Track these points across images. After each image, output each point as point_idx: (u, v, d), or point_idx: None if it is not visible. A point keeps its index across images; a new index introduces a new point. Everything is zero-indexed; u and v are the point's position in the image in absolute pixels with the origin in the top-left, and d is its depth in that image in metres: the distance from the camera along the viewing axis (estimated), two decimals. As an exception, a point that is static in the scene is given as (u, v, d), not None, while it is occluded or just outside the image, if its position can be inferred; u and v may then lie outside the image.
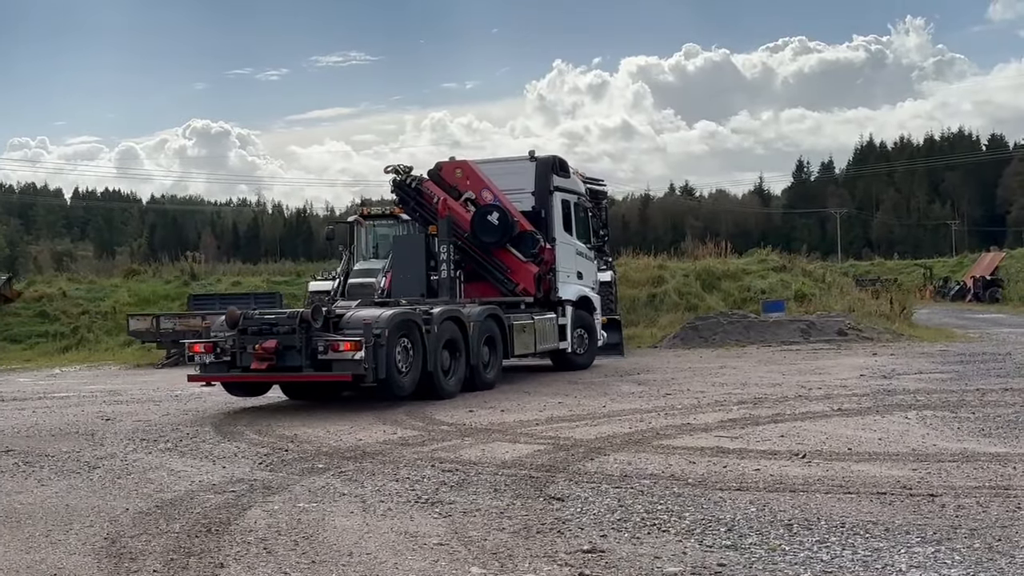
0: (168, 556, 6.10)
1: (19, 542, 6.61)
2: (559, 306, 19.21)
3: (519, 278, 18.28)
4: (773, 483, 7.95)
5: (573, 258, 20.06)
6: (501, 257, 18.39)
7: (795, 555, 5.85)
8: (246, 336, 13.77)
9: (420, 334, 14.29)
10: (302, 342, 13.41)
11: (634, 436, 10.71)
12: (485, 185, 18.51)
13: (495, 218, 18.06)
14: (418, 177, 18.37)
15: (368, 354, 13.12)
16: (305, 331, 13.44)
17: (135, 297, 36.37)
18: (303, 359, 13.43)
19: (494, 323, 16.61)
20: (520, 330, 17.37)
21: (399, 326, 13.86)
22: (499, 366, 16.81)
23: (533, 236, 18.31)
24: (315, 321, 13.44)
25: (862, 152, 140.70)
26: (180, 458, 10.09)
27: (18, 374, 24.07)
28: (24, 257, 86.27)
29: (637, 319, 30.95)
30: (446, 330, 15.00)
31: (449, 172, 18.81)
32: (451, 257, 17.73)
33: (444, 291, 17.61)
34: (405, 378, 14.02)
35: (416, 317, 14.38)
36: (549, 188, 19.19)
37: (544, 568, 5.69)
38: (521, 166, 19.45)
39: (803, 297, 33.60)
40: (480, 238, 18.12)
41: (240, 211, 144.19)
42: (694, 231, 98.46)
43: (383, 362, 13.37)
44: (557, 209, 19.35)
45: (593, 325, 20.72)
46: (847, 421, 11.54)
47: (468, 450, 10.12)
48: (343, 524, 6.89)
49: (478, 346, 15.82)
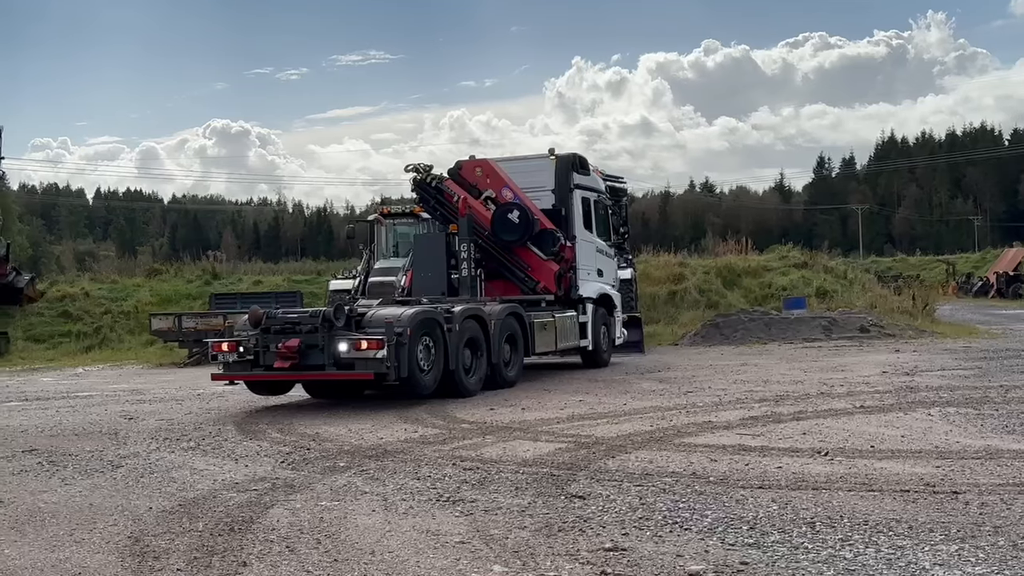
0: (191, 555, 6.12)
1: (43, 540, 6.65)
2: (579, 304, 19.15)
3: (540, 276, 18.27)
4: (795, 481, 7.93)
5: (593, 256, 19.99)
6: (522, 255, 18.36)
7: (818, 553, 5.82)
8: (269, 335, 13.82)
9: (441, 332, 14.29)
10: (324, 341, 13.45)
11: (655, 434, 10.69)
12: (505, 183, 18.54)
13: (515, 216, 18.05)
14: (439, 176, 18.42)
15: (390, 353, 13.14)
16: (327, 330, 13.47)
17: (157, 297, 36.55)
18: (326, 358, 13.47)
19: (515, 321, 16.58)
20: (541, 328, 17.34)
21: (421, 324, 13.87)
22: (520, 364, 16.79)
23: (553, 234, 18.27)
24: (337, 320, 13.48)
25: (883, 148, 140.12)
26: (203, 457, 10.13)
27: (41, 374, 24.21)
28: (47, 257, 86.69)
29: (658, 316, 30.89)
30: (467, 328, 14.99)
31: (469, 171, 18.84)
32: (472, 255, 17.73)
33: (465, 290, 17.60)
34: (427, 376, 14.04)
35: (437, 315, 14.37)
36: (569, 186, 19.15)
37: (566, 566, 5.69)
38: (541, 164, 19.40)
39: (825, 294, 33.46)
40: (501, 236, 18.14)
41: (261, 210, 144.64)
42: (714, 228, 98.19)
43: (405, 360, 13.38)
44: (577, 207, 19.31)
45: (613, 323, 20.71)
46: (870, 418, 11.49)
47: (489, 448, 10.12)
48: (365, 522, 6.91)
49: (499, 344, 15.80)
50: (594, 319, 19.62)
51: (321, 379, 14.34)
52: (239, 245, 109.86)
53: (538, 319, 17.35)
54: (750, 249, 40.31)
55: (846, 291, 34.05)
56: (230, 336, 14.46)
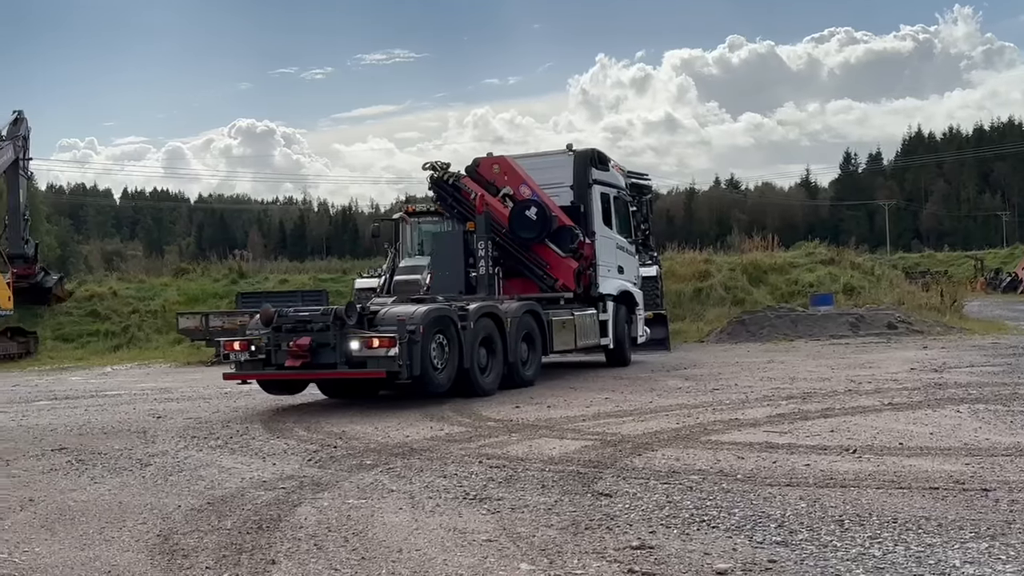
0: (220, 553, 6.15)
1: (73, 539, 6.70)
2: (599, 301, 18.94)
3: (558, 274, 18.08)
4: (823, 478, 7.88)
5: (614, 252, 19.80)
6: (540, 253, 18.18)
7: (847, 551, 5.79)
8: (280, 334, 13.73)
9: (456, 330, 14.18)
10: (336, 339, 13.35)
11: (682, 432, 10.66)
12: (523, 180, 18.35)
13: (533, 213, 17.88)
14: (456, 173, 18.35)
15: (402, 351, 13.02)
16: (339, 328, 13.37)
17: (184, 296, 36.76)
18: (337, 356, 13.37)
19: (532, 319, 16.42)
20: (560, 326, 17.17)
21: (434, 322, 13.76)
22: (538, 363, 16.63)
23: (572, 231, 18.10)
24: (349, 318, 13.39)
25: (910, 143, 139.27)
26: (230, 455, 10.18)
27: (70, 373, 24.40)
28: (75, 257, 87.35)
29: (683, 314, 30.83)
30: (483, 327, 14.87)
31: (487, 168, 18.70)
32: (489, 253, 17.60)
33: (483, 288, 17.45)
34: (441, 375, 13.92)
35: (451, 313, 14.26)
36: (588, 182, 18.96)
37: (593, 564, 5.68)
38: (559, 160, 19.21)
39: (852, 290, 33.30)
40: (518, 234, 17.97)
41: (286, 209, 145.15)
42: (740, 224, 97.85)
43: (418, 359, 13.26)
44: (596, 203, 19.10)
45: (635, 320, 20.49)
46: (898, 415, 11.42)
47: (515, 446, 10.12)
48: (392, 520, 6.92)
49: (516, 343, 15.67)
50: (615, 317, 19.42)
51: (333, 378, 14.29)
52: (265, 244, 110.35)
53: (556, 317, 17.18)
54: (776, 246, 40.13)
55: (873, 287, 33.87)
56: (242, 335, 14.43)
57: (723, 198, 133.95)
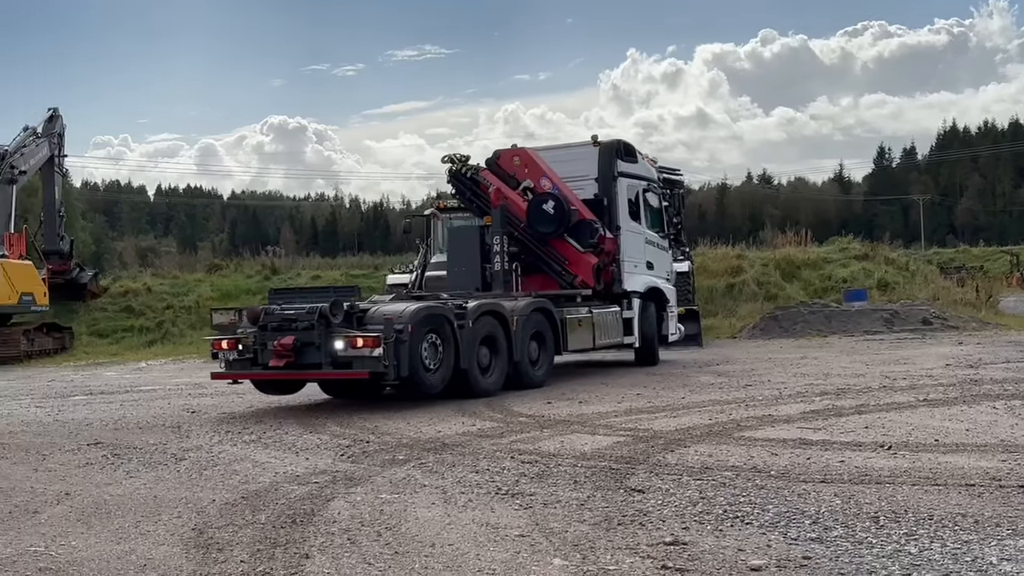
0: (255, 547, 6.18)
1: (109, 532, 6.75)
2: (623, 298, 18.31)
3: (577, 270, 17.49)
4: (858, 475, 7.83)
5: (642, 248, 19.11)
6: (559, 248, 17.63)
7: (882, 548, 5.75)
8: (267, 332, 13.33)
9: (452, 329, 13.71)
10: (321, 338, 12.92)
11: (715, 428, 10.62)
12: (544, 173, 17.79)
13: (551, 207, 17.31)
14: (475, 166, 17.98)
15: (389, 351, 12.58)
16: (324, 327, 12.94)
17: (218, 292, 36.96)
18: (322, 356, 12.94)
19: (543, 317, 15.87)
20: (575, 325, 16.57)
21: (425, 321, 13.34)
22: (549, 363, 16.07)
23: (591, 225, 17.53)
24: (334, 316, 12.96)
25: (945, 137, 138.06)
26: (264, 450, 10.23)
27: (105, 368, 24.61)
28: (109, 253, 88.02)
29: (715, 310, 30.73)
30: (483, 325, 14.38)
31: (507, 160, 18.15)
32: (504, 248, 17.16)
33: (498, 284, 17.03)
34: (433, 376, 13.47)
35: (446, 312, 13.82)
36: (613, 174, 18.32)
37: (626, 560, 5.67)
38: (584, 152, 18.61)
39: (886, 286, 33.11)
40: (536, 228, 17.43)
41: (318, 206, 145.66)
42: (773, 220, 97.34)
43: (405, 359, 12.80)
44: (622, 196, 18.48)
45: (667, 318, 19.79)
46: (933, 412, 11.33)
47: (547, 442, 10.12)
48: (425, 515, 6.93)
49: (523, 342, 15.13)
50: (642, 315, 18.74)
51: (317, 378, 14.02)
52: (297, 240, 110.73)
53: (571, 315, 16.58)
54: (809, 241, 39.92)
55: (908, 283, 33.67)
56: (232, 333, 14.03)
57: (755, 193, 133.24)
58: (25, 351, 27.85)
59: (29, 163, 31.90)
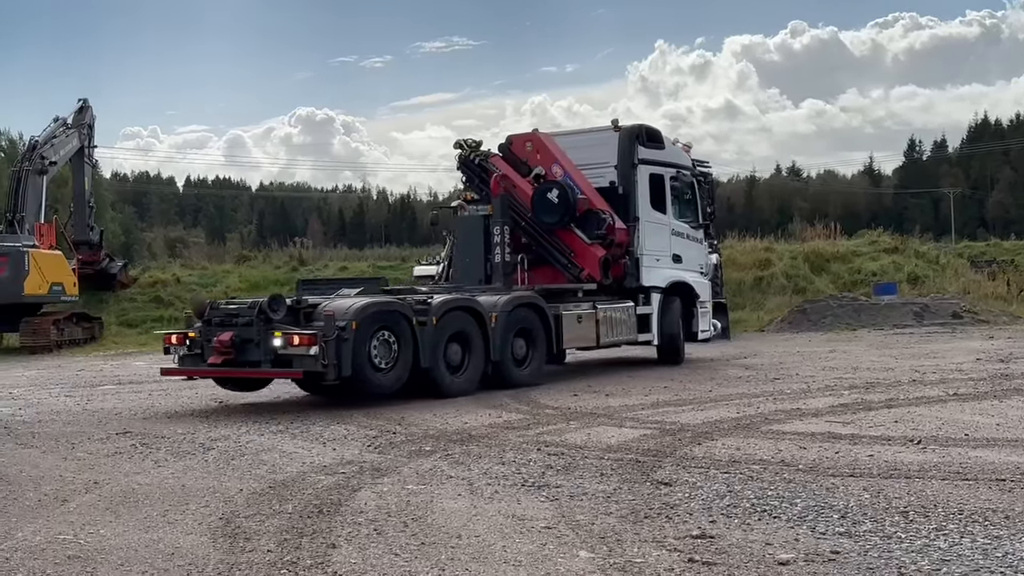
0: (282, 536, 6.20)
1: (137, 521, 6.79)
2: (640, 293, 17.20)
3: (584, 262, 16.45)
4: (887, 469, 7.78)
5: (667, 239, 17.89)
6: (565, 239, 16.61)
7: (911, 543, 5.70)
8: (210, 328, 12.88)
9: (410, 326, 12.96)
10: (260, 335, 12.38)
11: (742, 421, 10.58)
12: (555, 159, 16.87)
13: (555, 196, 16.32)
14: (484, 152, 17.18)
15: (328, 349, 11.97)
16: (264, 323, 12.41)
17: (246, 282, 37.15)
18: (262, 353, 12.38)
19: (531, 314, 14.92)
20: (574, 321, 15.58)
21: (375, 318, 12.65)
22: (541, 362, 15.10)
23: (599, 215, 16.47)
24: (274, 312, 12.43)
25: (976, 130, 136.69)
26: (291, 440, 10.27)
27: (134, 358, 24.74)
28: (139, 244, 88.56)
29: (743, 303, 30.65)
30: (452, 322, 13.60)
31: (520, 146, 17.29)
32: (505, 240, 16.38)
33: (498, 277, 16.31)
34: (385, 376, 12.77)
35: (402, 308, 13.10)
36: (632, 161, 17.22)
37: (653, 553, 5.65)
38: (604, 137, 17.53)
39: (916, 279, 32.94)
40: (541, 218, 16.52)
41: (345, 197, 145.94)
42: (802, 213, 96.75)
43: (348, 357, 12.16)
44: (643, 184, 17.36)
45: (697, 315, 18.46)
46: (963, 406, 11.25)
47: (573, 434, 10.10)
48: (451, 506, 6.93)
49: (504, 340, 14.25)
50: (662, 311, 17.51)
51: (255, 377, 13.39)
52: (325, 232, 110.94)
53: (569, 311, 15.57)
54: (839, 234, 39.77)
55: (938, 276, 33.46)
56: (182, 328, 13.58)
57: (784, 186, 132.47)
58: (55, 341, 28.03)
59: (59, 154, 32.10)
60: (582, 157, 17.21)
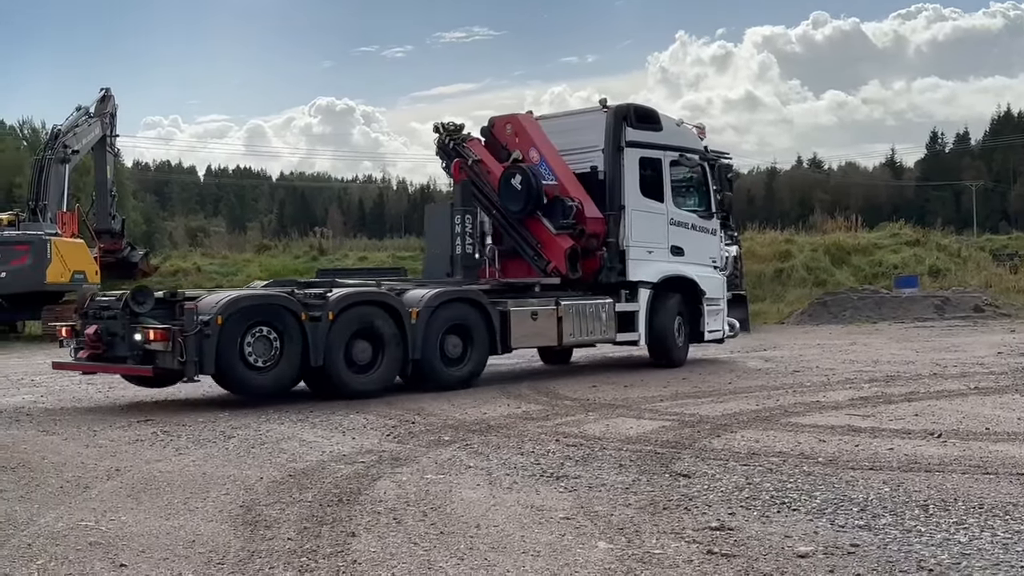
0: (301, 524, 6.23)
1: (159, 508, 6.83)
2: (623, 289, 15.64)
3: (550, 254, 15.24)
4: (907, 463, 7.75)
5: (661, 229, 16.15)
6: (533, 229, 15.46)
7: (931, 536, 5.68)
8: (87, 320, 12.43)
9: (297, 322, 12.12)
10: (124, 329, 11.89)
11: (762, 413, 10.56)
12: (533, 143, 15.70)
13: (517, 182, 15.20)
14: (462, 136, 16.18)
15: (189, 345, 11.30)
16: (128, 317, 11.86)
17: (266, 272, 37.25)
18: (127, 348, 11.87)
19: (470, 309, 13.79)
20: (526, 318, 14.27)
21: (247, 312, 11.87)
22: (479, 361, 13.97)
23: (565, 203, 15.12)
24: (138, 305, 11.83)
25: (999, 122, 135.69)
26: (311, 429, 10.30)
27: (156, 346, 24.86)
28: (160, 233, 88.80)
29: (763, 295, 30.60)
30: (357, 318, 12.66)
31: (500, 129, 16.19)
32: (467, 230, 15.33)
33: (459, 270, 15.30)
34: (262, 376, 11.97)
35: (286, 302, 12.23)
36: (619, 144, 15.60)
37: (672, 545, 5.65)
38: (593, 119, 16.06)
39: (937, 272, 32.81)
40: (507, 206, 15.45)
41: (365, 188, 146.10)
42: (822, 205, 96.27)
43: (211, 354, 11.46)
44: (631, 169, 15.70)
45: (703, 313, 16.61)
46: (984, 400, 11.20)
47: (592, 425, 10.11)
48: (470, 496, 6.95)
49: (427, 338, 13.16)
50: (652, 308, 15.80)
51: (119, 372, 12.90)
52: (344, 222, 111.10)
53: (520, 308, 14.30)
54: (860, 226, 39.60)
55: (960, 270, 33.32)
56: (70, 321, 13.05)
57: (805, 178, 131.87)
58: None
59: (81, 143, 32.24)
60: (570, 141, 16.06)
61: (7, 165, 65.90)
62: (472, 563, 5.40)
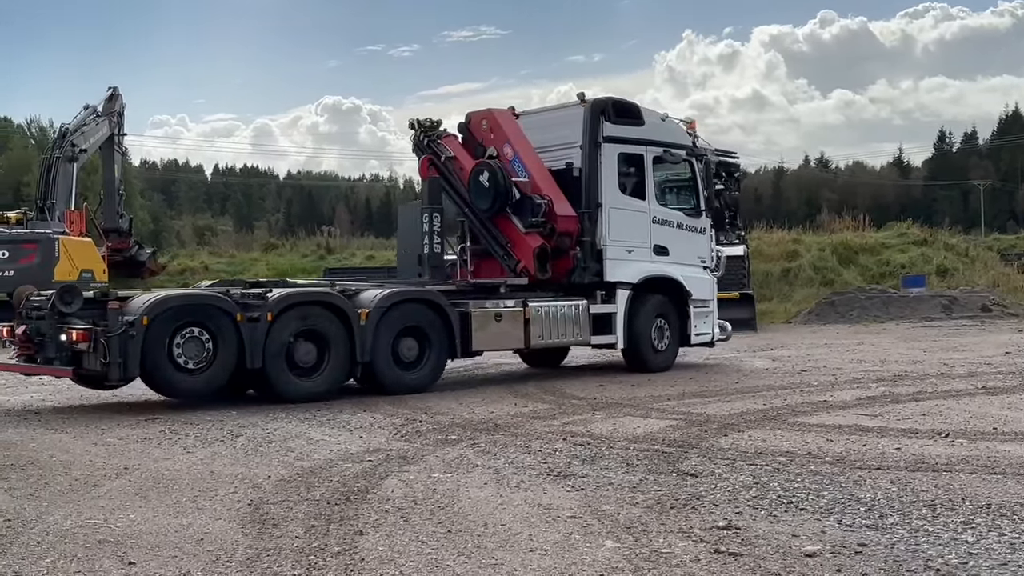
0: (309, 523, 6.24)
1: (167, 507, 6.85)
2: (599, 289, 15.03)
3: (520, 253, 14.80)
4: (915, 462, 7.75)
5: (644, 228, 15.46)
6: (502, 228, 15.05)
7: (939, 536, 5.68)
8: (24, 320, 12.18)
9: (232, 323, 11.76)
10: (51, 329, 11.63)
11: (769, 413, 10.56)
12: (507, 139, 15.21)
13: (485, 179, 14.79)
14: (437, 132, 15.78)
15: (112, 346, 11.02)
16: (55, 317, 11.60)
17: (274, 271, 37.27)
18: (55, 349, 11.60)
19: (426, 310, 13.32)
20: (489, 320, 13.76)
21: (176, 313, 11.55)
22: (436, 365, 13.48)
23: (533, 200, 14.61)
24: (65, 305, 11.58)
25: (1007, 122, 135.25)
26: (319, 427, 10.32)
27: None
28: (168, 231, 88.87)
29: (771, 294, 30.56)
30: (299, 319, 12.24)
31: (476, 125, 15.74)
32: (435, 228, 14.90)
33: (427, 269, 14.87)
34: (194, 377, 11.66)
35: (219, 302, 11.88)
36: (596, 139, 15.03)
37: (679, 544, 5.66)
38: (571, 115, 15.52)
39: (945, 272, 32.74)
40: (476, 204, 15.09)
41: (372, 187, 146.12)
42: (830, 204, 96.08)
43: (136, 356, 11.14)
44: (609, 165, 15.14)
45: (690, 315, 15.88)
46: (992, 400, 11.19)
47: (599, 424, 10.12)
48: (477, 495, 6.96)
49: (376, 340, 12.65)
50: (632, 310, 15.19)
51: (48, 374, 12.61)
52: (352, 221, 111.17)
53: (481, 308, 13.79)
54: (867, 226, 39.55)
55: (967, 269, 33.24)
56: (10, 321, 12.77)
57: (812, 177, 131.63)
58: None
59: (89, 141, 32.31)
60: (549, 137, 15.53)
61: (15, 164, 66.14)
62: (479, 562, 5.41)
